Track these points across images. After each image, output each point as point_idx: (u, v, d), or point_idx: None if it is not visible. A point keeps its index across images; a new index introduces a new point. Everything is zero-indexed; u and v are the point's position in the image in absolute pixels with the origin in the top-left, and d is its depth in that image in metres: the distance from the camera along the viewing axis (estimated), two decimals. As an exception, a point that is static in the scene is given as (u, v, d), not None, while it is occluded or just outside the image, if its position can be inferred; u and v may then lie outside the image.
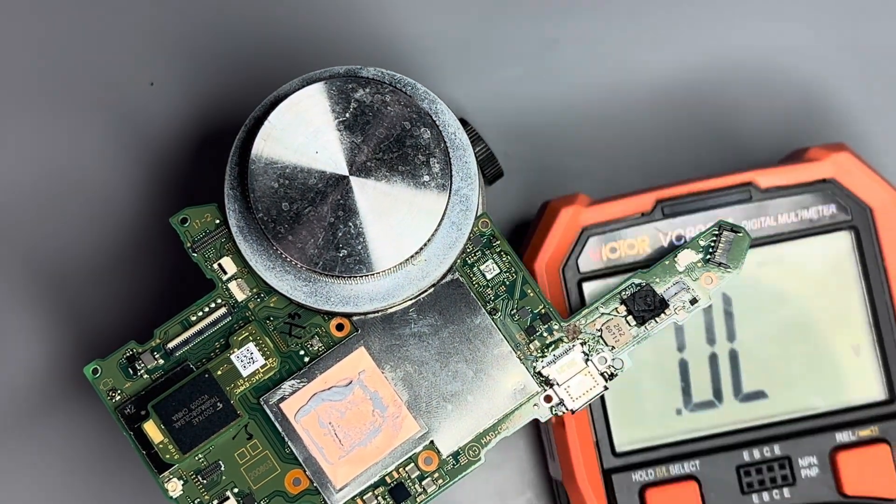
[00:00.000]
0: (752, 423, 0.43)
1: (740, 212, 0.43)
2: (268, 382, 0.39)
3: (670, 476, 0.42)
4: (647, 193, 0.43)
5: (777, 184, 0.43)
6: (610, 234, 0.43)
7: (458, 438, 0.39)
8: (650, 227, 0.43)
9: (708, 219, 0.43)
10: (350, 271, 0.38)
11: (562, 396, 0.39)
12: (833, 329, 0.43)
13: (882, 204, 0.43)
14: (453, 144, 0.39)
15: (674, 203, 0.43)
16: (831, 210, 0.43)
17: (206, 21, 0.48)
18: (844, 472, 0.42)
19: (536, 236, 0.43)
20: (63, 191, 0.47)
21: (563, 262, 0.43)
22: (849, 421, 0.42)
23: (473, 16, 0.48)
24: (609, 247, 0.43)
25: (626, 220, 0.43)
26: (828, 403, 0.43)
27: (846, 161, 0.43)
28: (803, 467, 0.42)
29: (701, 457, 0.42)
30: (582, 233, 0.43)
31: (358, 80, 0.38)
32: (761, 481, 0.42)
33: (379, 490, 0.39)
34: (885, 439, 0.42)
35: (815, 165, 0.43)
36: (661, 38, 0.48)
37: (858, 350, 0.43)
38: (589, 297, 0.43)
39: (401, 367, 0.39)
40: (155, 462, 0.39)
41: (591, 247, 0.43)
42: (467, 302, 0.40)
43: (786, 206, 0.43)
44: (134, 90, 0.48)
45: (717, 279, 0.40)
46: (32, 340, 0.47)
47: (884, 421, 0.42)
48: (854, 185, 0.43)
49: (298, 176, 0.38)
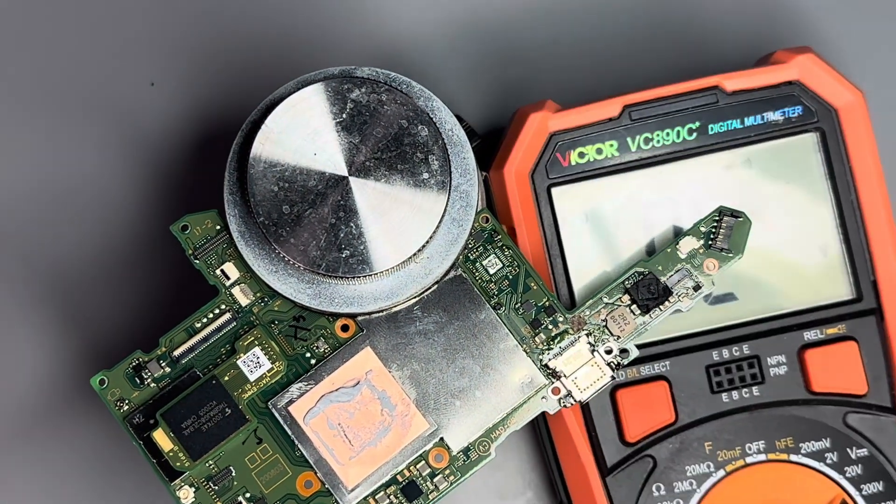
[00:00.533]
0: (722, 323, 0.43)
1: (707, 115, 0.43)
2: (275, 386, 0.39)
3: (641, 377, 0.42)
4: (615, 99, 0.43)
5: (743, 87, 0.43)
6: (578, 139, 0.43)
7: (468, 434, 0.39)
8: (618, 132, 0.43)
9: (674, 122, 0.43)
10: (353, 272, 0.38)
11: (569, 388, 0.39)
12: (801, 229, 0.43)
13: (847, 105, 0.43)
14: (451, 141, 0.39)
15: (641, 108, 0.43)
16: (797, 112, 0.43)
17: (204, 21, 0.48)
18: (812, 369, 0.42)
19: (506, 143, 0.44)
20: (63, 196, 0.47)
21: (532, 168, 0.43)
22: (816, 320, 0.43)
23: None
24: (577, 152, 0.43)
25: (594, 125, 0.43)
26: (796, 303, 0.43)
27: (811, 63, 0.43)
28: (772, 366, 0.43)
29: (671, 357, 0.43)
30: (550, 138, 0.43)
31: (353, 81, 0.38)
32: (731, 380, 0.43)
33: (391, 489, 0.39)
34: (852, 337, 0.43)
35: (780, 68, 0.43)
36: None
37: (826, 250, 0.43)
38: (558, 201, 0.43)
39: (407, 365, 0.39)
40: (166, 470, 0.39)
41: (560, 152, 0.43)
42: (471, 298, 0.40)
43: (752, 108, 0.43)
44: (134, 91, 0.47)
45: (719, 265, 0.40)
46: (36, 350, 0.47)
47: (851, 319, 0.43)
48: (819, 87, 0.43)
49: (298, 178, 0.38)
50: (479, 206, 0.40)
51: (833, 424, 0.42)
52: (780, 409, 0.42)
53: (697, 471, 0.42)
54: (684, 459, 0.42)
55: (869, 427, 0.42)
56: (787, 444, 0.42)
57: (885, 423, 0.42)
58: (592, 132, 0.43)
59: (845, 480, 0.42)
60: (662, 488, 0.42)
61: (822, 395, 0.43)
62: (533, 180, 0.43)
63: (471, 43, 0.48)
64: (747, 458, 0.42)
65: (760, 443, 0.42)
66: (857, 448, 0.42)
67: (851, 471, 0.42)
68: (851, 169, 0.43)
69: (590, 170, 0.43)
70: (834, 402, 0.42)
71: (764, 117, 0.43)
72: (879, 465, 0.42)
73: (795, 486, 0.42)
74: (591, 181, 0.43)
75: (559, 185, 0.43)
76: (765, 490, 0.42)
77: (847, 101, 0.43)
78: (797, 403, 0.42)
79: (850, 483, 0.42)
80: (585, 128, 0.43)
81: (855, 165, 0.43)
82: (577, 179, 0.43)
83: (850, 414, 0.42)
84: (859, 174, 0.43)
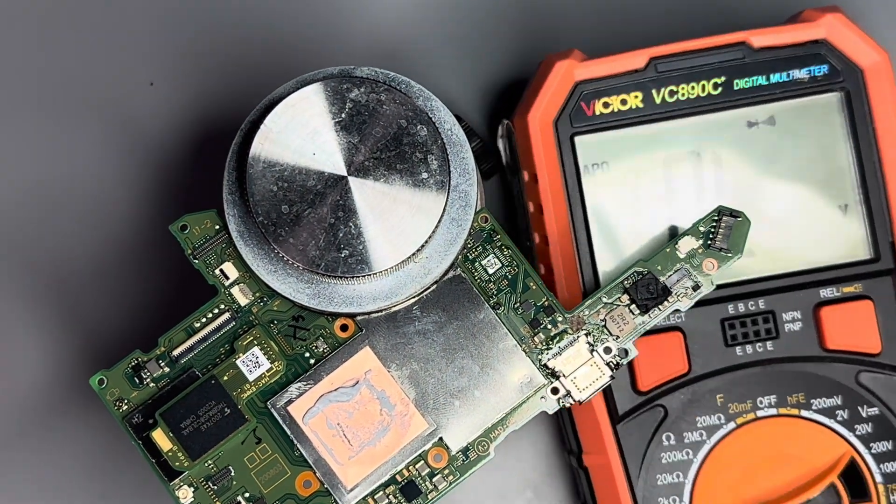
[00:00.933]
0: (738, 278, 0.43)
1: (732, 71, 0.43)
2: (274, 386, 0.39)
3: (655, 327, 0.42)
4: (642, 51, 0.43)
5: (770, 44, 0.43)
6: (603, 89, 0.43)
7: (467, 434, 0.39)
8: (643, 84, 0.43)
9: (700, 76, 0.43)
10: (352, 271, 0.38)
11: (568, 388, 0.39)
12: (821, 189, 0.44)
13: (873, 65, 0.43)
14: (450, 141, 0.39)
15: (667, 60, 0.43)
16: (823, 71, 0.43)
17: (203, 21, 0.48)
18: (827, 326, 0.43)
19: (531, 90, 0.44)
20: (62, 196, 0.47)
21: (556, 116, 0.43)
22: (833, 278, 0.43)
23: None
24: (602, 101, 0.43)
25: (620, 76, 0.43)
26: (813, 261, 0.43)
27: (838, 22, 0.43)
28: (787, 321, 0.43)
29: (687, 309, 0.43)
30: (576, 87, 0.43)
31: (353, 80, 0.38)
32: (745, 334, 0.43)
33: (390, 489, 0.39)
34: (868, 296, 0.43)
35: (807, 27, 0.43)
36: None
37: (845, 209, 0.43)
38: (580, 150, 0.43)
39: (407, 365, 0.39)
40: (165, 470, 0.39)
41: (585, 101, 0.43)
42: (470, 297, 0.40)
43: (778, 65, 0.43)
44: (133, 91, 0.47)
45: (718, 264, 0.40)
46: (35, 350, 0.47)
47: (867, 279, 0.43)
48: (846, 47, 0.43)
49: (297, 178, 0.38)
50: (479, 206, 0.40)
51: (845, 382, 0.43)
52: (793, 365, 0.43)
53: (708, 422, 0.43)
54: (695, 410, 0.43)
55: (881, 386, 0.43)
56: (799, 400, 0.43)
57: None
58: (618, 83, 0.43)
59: (855, 438, 0.43)
60: (672, 438, 0.43)
61: (835, 352, 0.43)
62: (557, 128, 0.43)
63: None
64: (758, 412, 0.43)
65: (772, 397, 0.43)
66: (868, 407, 0.43)
67: (861, 429, 0.43)
68: (875, 129, 0.43)
69: (613, 120, 0.43)
70: (847, 360, 0.43)
71: (790, 75, 0.43)
72: (889, 425, 0.43)
73: (805, 442, 0.43)
74: (615, 131, 0.43)
75: (583, 135, 0.43)
76: (774, 444, 0.43)
77: (873, 61, 0.43)
78: (810, 360, 0.43)
79: (860, 441, 0.43)
80: (611, 78, 0.43)
81: (878, 126, 0.43)
82: (601, 129, 0.43)
83: (862, 372, 0.43)
84: (882, 135, 0.43)
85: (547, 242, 0.43)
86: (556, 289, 0.43)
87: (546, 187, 0.43)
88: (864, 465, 0.42)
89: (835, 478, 0.42)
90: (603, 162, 0.43)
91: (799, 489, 0.42)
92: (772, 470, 0.43)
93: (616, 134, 0.43)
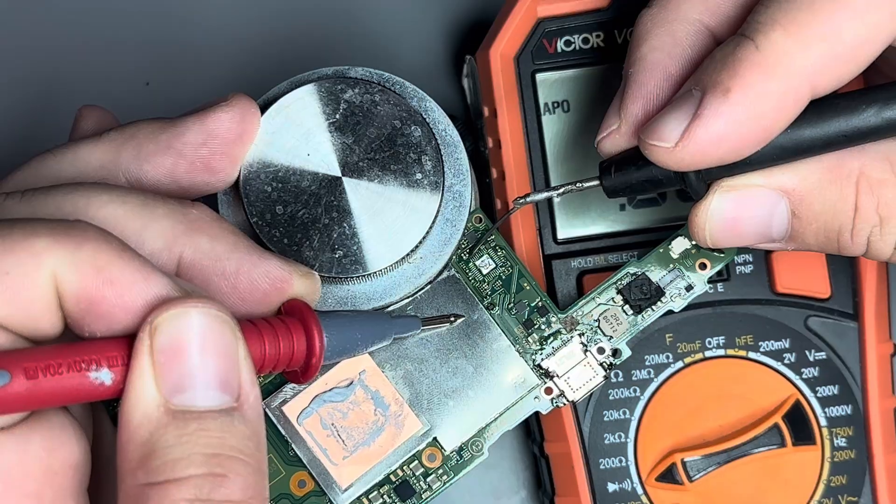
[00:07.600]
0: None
1: None
2: (269, 386, 0.39)
3: (608, 264, 0.43)
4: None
5: None
6: (566, 27, 0.43)
7: (461, 434, 0.39)
8: (605, 24, 0.43)
9: None
10: (346, 272, 0.38)
11: (562, 388, 0.39)
12: None
13: None
14: (444, 141, 0.39)
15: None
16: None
17: (198, 22, 0.48)
18: (778, 270, 0.43)
19: (494, 25, 0.44)
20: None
21: (518, 52, 0.43)
22: None
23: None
24: (564, 40, 0.43)
25: (583, 14, 0.43)
26: None
27: None
28: (738, 264, 0.43)
29: (638, 248, 0.43)
30: (538, 24, 0.43)
31: (347, 81, 0.38)
32: None
33: (384, 489, 0.39)
34: None
35: None
36: None
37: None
38: (541, 87, 0.43)
39: (401, 365, 0.39)
40: (159, 470, 0.39)
41: (547, 38, 0.43)
42: (464, 298, 0.40)
43: None
44: (129, 91, 0.48)
45: (711, 265, 0.40)
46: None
47: None
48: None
49: (291, 179, 0.38)
50: (473, 207, 0.40)
51: (794, 326, 0.43)
52: (742, 307, 0.43)
53: (656, 360, 0.43)
54: (644, 349, 0.43)
55: (829, 331, 0.43)
56: (747, 342, 0.43)
57: (845, 329, 0.43)
58: (580, 21, 0.43)
59: (801, 381, 0.43)
60: (620, 375, 0.43)
61: (785, 296, 0.43)
62: (518, 64, 0.43)
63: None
64: (706, 353, 0.43)
65: (720, 338, 0.43)
66: (816, 351, 0.43)
67: (808, 372, 0.43)
68: None
69: (575, 59, 0.43)
70: (797, 304, 0.43)
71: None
72: (836, 369, 0.43)
73: (751, 383, 0.43)
74: (576, 70, 0.43)
75: (543, 72, 0.43)
76: (721, 384, 0.43)
77: None
78: (760, 303, 0.43)
79: (806, 384, 0.43)
80: (574, 16, 0.43)
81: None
82: (562, 67, 0.43)
83: (811, 317, 0.43)
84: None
85: (504, 178, 0.43)
86: (511, 227, 0.43)
87: (505, 123, 0.43)
88: (808, 408, 0.43)
89: (779, 419, 0.43)
90: (563, 100, 0.43)
91: (743, 430, 0.43)
92: (717, 409, 0.43)
93: (577, 72, 0.43)
